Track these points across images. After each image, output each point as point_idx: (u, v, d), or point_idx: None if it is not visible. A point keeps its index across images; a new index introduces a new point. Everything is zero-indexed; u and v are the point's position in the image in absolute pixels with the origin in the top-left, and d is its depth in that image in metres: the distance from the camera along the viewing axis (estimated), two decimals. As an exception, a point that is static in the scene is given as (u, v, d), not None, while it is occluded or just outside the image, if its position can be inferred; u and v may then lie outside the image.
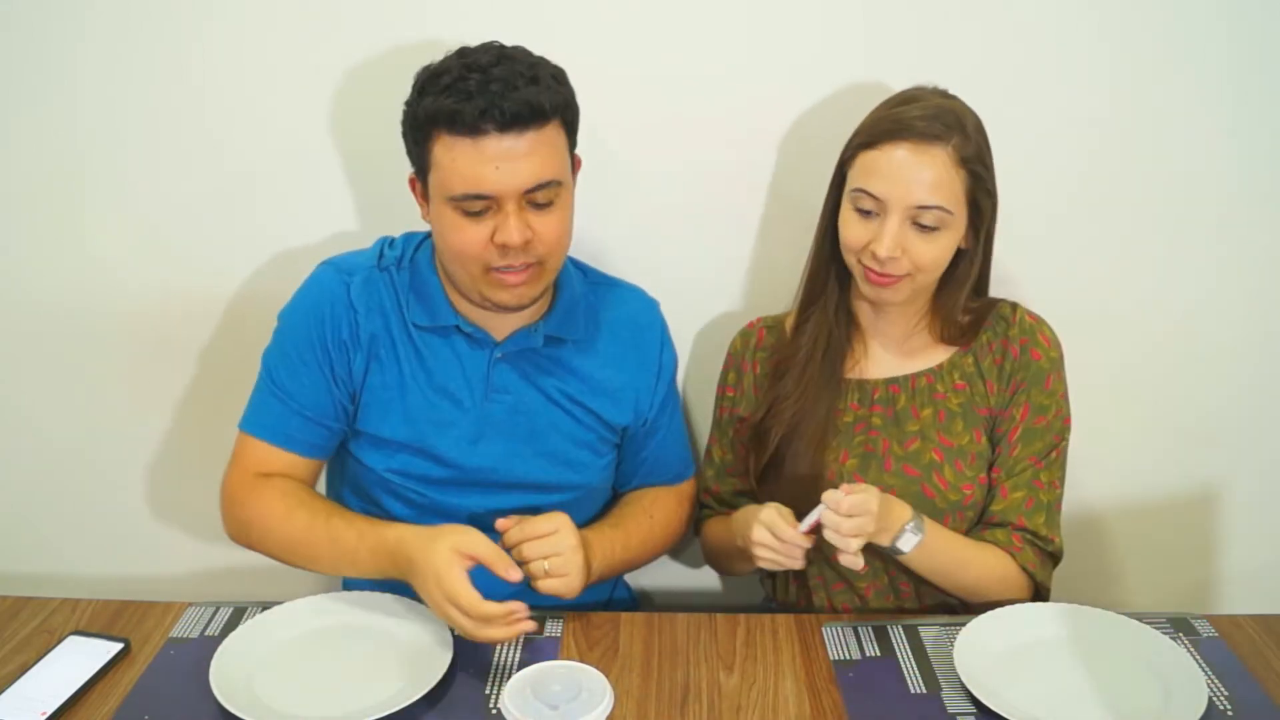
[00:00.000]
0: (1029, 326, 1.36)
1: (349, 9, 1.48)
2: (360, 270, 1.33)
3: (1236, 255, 1.58)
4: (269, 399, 1.32)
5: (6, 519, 1.76)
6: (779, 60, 1.49)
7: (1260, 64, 1.48)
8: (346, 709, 1.09)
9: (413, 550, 1.18)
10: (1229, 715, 1.11)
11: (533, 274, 1.25)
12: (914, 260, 1.26)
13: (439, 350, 1.33)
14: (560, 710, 0.99)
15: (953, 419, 1.35)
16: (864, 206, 1.27)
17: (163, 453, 1.72)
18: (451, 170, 1.19)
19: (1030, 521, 1.32)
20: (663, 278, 1.51)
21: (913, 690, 1.15)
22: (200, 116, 1.53)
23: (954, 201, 1.24)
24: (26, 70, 1.51)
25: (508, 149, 1.17)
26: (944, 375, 1.36)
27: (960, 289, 1.34)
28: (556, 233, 1.24)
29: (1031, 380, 1.34)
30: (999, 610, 1.25)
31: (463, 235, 1.22)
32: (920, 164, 1.23)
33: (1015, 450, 1.33)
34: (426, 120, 1.19)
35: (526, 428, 1.35)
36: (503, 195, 1.19)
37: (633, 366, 1.40)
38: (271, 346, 1.34)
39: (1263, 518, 1.72)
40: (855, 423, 1.37)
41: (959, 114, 1.25)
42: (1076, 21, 1.47)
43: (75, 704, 1.12)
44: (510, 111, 1.16)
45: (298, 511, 1.27)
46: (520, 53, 1.22)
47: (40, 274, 1.62)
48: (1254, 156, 1.53)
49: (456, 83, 1.17)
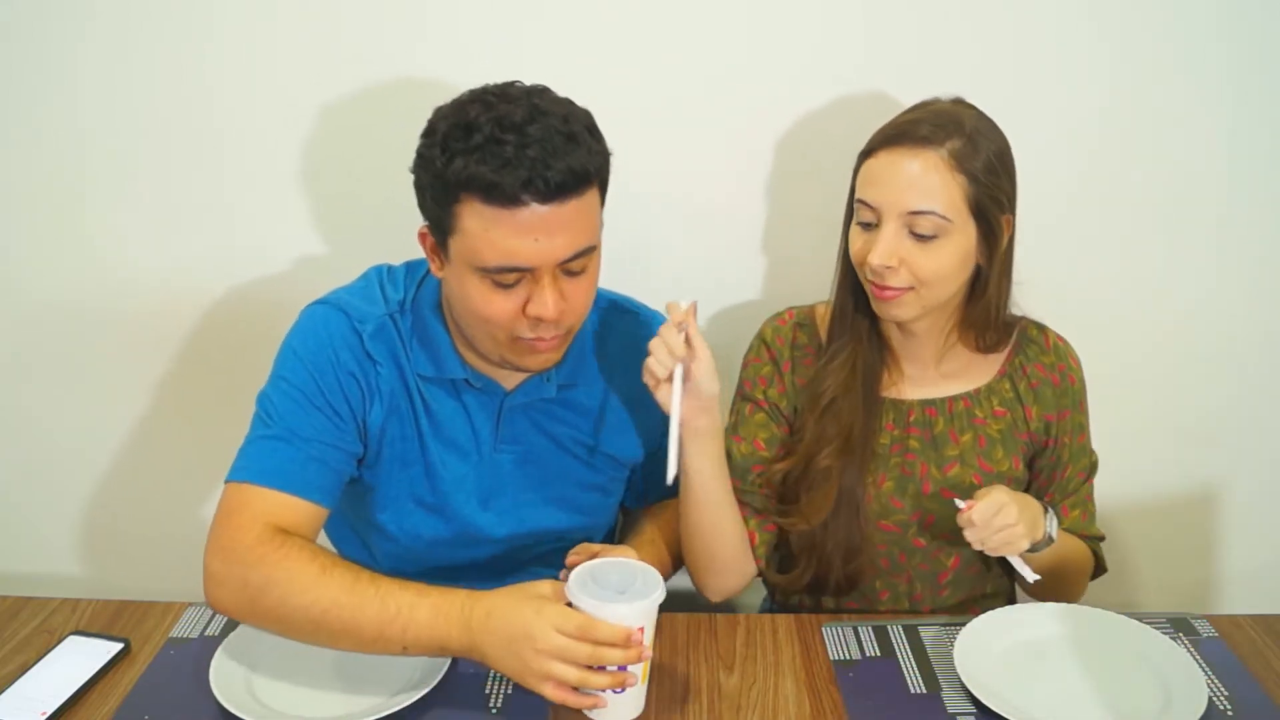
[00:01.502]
0: (1062, 351, 1.36)
1: (349, 10, 1.48)
2: (371, 319, 1.24)
3: (1236, 255, 1.58)
4: (272, 445, 1.19)
5: (6, 519, 1.76)
6: (779, 61, 1.49)
7: (1260, 64, 1.49)
8: (346, 709, 1.09)
9: (494, 600, 1.08)
10: (1229, 715, 1.11)
11: (561, 340, 1.20)
12: (914, 272, 1.21)
13: (444, 401, 1.27)
14: (627, 594, 1.06)
15: (993, 445, 1.33)
16: (864, 218, 1.24)
17: (163, 453, 1.72)
18: (483, 240, 1.10)
19: (1089, 531, 1.38)
20: (657, 277, 1.50)
21: (913, 690, 1.15)
22: (201, 117, 1.53)
23: (950, 208, 1.19)
24: (27, 71, 1.51)
25: (546, 220, 1.09)
26: (982, 400, 1.34)
27: (987, 308, 1.29)
28: (586, 298, 1.19)
29: (1073, 404, 1.35)
30: (999, 610, 1.25)
31: (491, 306, 1.14)
32: (912, 168, 1.19)
33: (1068, 470, 1.36)
34: (456, 185, 1.09)
35: (536, 476, 1.32)
36: (539, 267, 1.11)
37: (642, 397, 1.32)
38: (272, 392, 1.22)
39: (1263, 518, 1.72)
40: (891, 444, 1.34)
41: (961, 119, 1.21)
42: (1076, 22, 1.47)
43: (75, 704, 1.12)
44: (555, 183, 1.07)
45: (336, 569, 1.11)
46: (551, 103, 1.12)
47: (41, 274, 1.62)
48: (1253, 157, 1.53)
49: (490, 144, 1.07)
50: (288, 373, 1.22)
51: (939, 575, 1.37)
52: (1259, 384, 1.65)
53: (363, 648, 1.11)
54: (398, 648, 1.10)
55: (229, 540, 1.14)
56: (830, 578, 1.37)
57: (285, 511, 1.16)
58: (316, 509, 1.19)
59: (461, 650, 1.09)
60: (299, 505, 1.17)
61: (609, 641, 1.04)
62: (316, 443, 1.20)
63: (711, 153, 1.54)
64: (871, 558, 1.36)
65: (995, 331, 1.32)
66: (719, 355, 1.51)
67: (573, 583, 1.07)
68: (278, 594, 1.10)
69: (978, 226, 1.22)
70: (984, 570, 1.40)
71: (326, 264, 1.59)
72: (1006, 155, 1.24)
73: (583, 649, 1.03)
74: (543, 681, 1.05)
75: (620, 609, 1.04)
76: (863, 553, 1.35)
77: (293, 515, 1.17)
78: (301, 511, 1.17)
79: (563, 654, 1.03)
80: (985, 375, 1.35)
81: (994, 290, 1.28)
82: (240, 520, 1.14)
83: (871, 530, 1.34)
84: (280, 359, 1.24)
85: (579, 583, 1.07)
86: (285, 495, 1.17)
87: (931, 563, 1.36)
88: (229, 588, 1.13)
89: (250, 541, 1.12)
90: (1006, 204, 1.24)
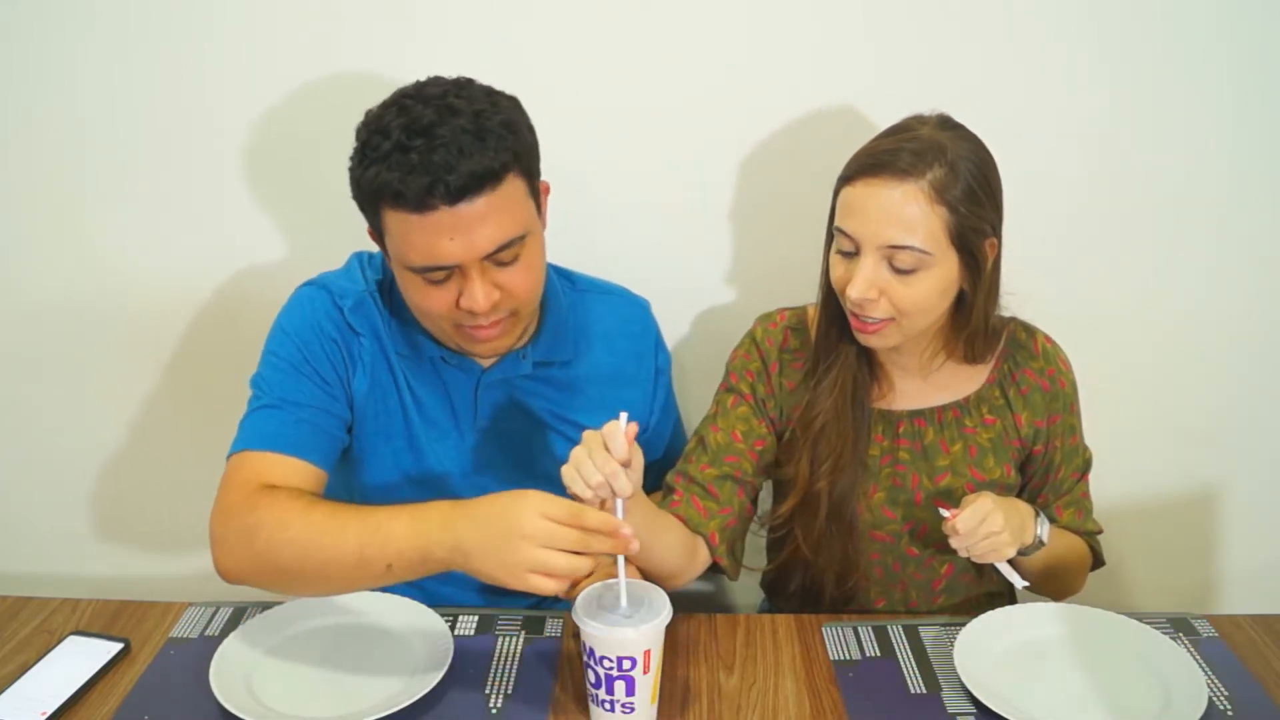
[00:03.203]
0: (1051, 354, 1.34)
1: (349, 11, 1.48)
2: (351, 294, 1.28)
3: (1236, 256, 1.58)
4: (266, 413, 1.22)
5: (6, 519, 1.76)
6: (778, 61, 1.49)
7: (1260, 64, 1.48)
8: (346, 709, 1.09)
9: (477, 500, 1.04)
10: (1229, 715, 1.11)
11: (506, 325, 1.21)
12: (894, 303, 1.19)
13: (424, 378, 1.30)
14: (633, 618, 1.05)
15: (984, 454, 1.33)
16: (843, 247, 1.22)
17: (163, 452, 1.72)
18: (405, 243, 1.13)
19: (1085, 527, 1.38)
20: (653, 275, 1.50)
21: (913, 690, 1.15)
22: (200, 117, 1.54)
23: (931, 242, 1.16)
24: (27, 71, 1.51)
25: (460, 218, 1.10)
26: (971, 409, 1.33)
27: (968, 328, 1.27)
28: (526, 283, 1.19)
29: (1063, 408, 1.34)
30: (999, 610, 1.25)
31: (427, 300, 1.18)
32: (891, 201, 1.15)
33: (1060, 472, 1.36)
34: (373, 192, 1.12)
35: (516, 453, 1.33)
36: (464, 263, 1.13)
37: (629, 375, 1.38)
38: (262, 368, 1.26)
39: (1263, 518, 1.72)
40: (881, 456, 1.34)
41: (942, 146, 1.16)
42: (1077, 25, 1.47)
43: (75, 704, 1.12)
44: (456, 186, 1.08)
45: (320, 504, 1.12)
46: (464, 98, 1.12)
47: (41, 274, 1.62)
48: (1253, 157, 1.53)
49: (396, 153, 1.09)
50: (276, 347, 1.26)
51: (933, 583, 1.38)
52: (1259, 384, 1.65)
53: (348, 577, 1.09)
54: (381, 566, 1.06)
55: (224, 503, 1.16)
56: (825, 594, 1.38)
57: (280, 471, 1.18)
58: (312, 469, 1.20)
59: (445, 555, 1.03)
60: (293, 464, 1.19)
61: (597, 528, 1.00)
62: (308, 407, 1.23)
63: (698, 153, 1.54)
64: (865, 570, 1.36)
65: (983, 344, 1.31)
66: (709, 355, 1.51)
67: (580, 607, 1.07)
68: (265, 534, 1.10)
69: (960, 257, 1.20)
70: (977, 576, 1.40)
71: (326, 263, 1.58)
72: (990, 176, 1.21)
73: (570, 534, 0.99)
74: (530, 573, 0.99)
75: (627, 632, 1.03)
76: (857, 569, 1.36)
77: (288, 473, 1.18)
78: (296, 471, 1.19)
79: (550, 539, 0.99)
80: (974, 383, 1.34)
81: (979, 312, 1.26)
82: (236, 482, 1.17)
83: (865, 542, 1.34)
84: (269, 338, 1.28)
85: (585, 604, 1.07)
86: (279, 456, 1.19)
87: (925, 571, 1.37)
88: (227, 546, 1.14)
89: (242, 498, 1.14)
90: (989, 230, 1.21)
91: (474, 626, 1.24)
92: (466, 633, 1.23)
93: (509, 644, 1.22)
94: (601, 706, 1.07)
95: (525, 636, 1.23)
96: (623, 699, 1.05)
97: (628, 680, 1.04)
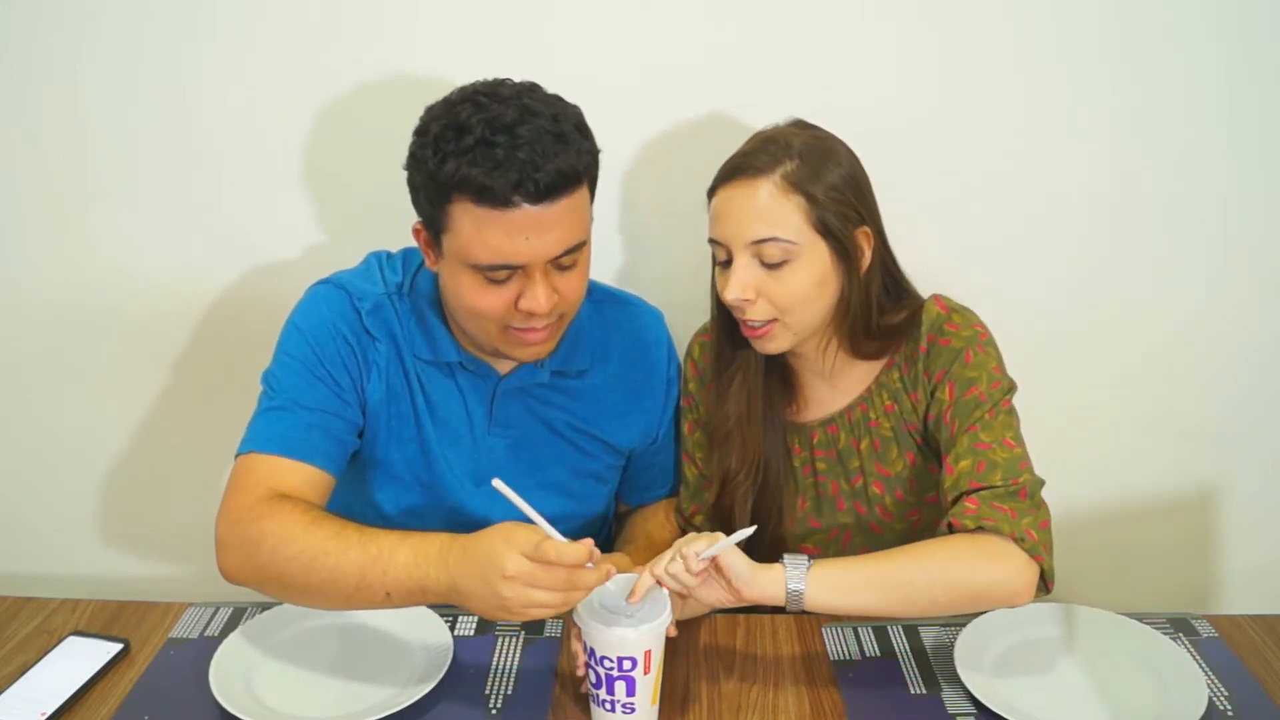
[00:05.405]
0: (935, 318, 1.25)
1: (348, 10, 1.48)
2: (369, 297, 1.27)
3: (1237, 258, 1.58)
4: (277, 415, 1.21)
5: (6, 519, 1.76)
6: (778, 62, 1.49)
7: (1260, 64, 1.48)
8: (346, 709, 1.09)
9: (470, 537, 1.04)
10: (1229, 715, 1.11)
11: (553, 329, 1.22)
12: (772, 301, 1.20)
13: (439, 383, 1.30)
14: (634, 618, 1.06)
15: (886, 446, 1.31)
16: (719, 257, 1.23)
17: (164, 452, 1.72)
18: (476, 240, 1.12)
19: (986, 480, 1.17)
20: (649, 275, 1.50)
21: (913, 690, 1.15)
22: (201, 117, 1.53)
23: (793, 231, 1.18)
24: (27, 71, 1.51)
25: (537, 219, 1.11)
26: (874, 400, 1.31)
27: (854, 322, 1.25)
28: (578, 290, 1.21)
29: (947, 364, 1.24)
30: (999, 610, 1.24)
31: (483, 300, 1.17)
32: (749, 199, 1.18)
33: (953, 428, 1.22)
34: (449, 186, 1.11)
35: (529, 461, 1.33)
36: (530, 264, 1.14)
37: (642, 387, 1.38)
38: (275, 367, 1.25)
39: (1263, 518, 1.72)
40: (802, 466, 1.35)
41: (790, 143, 1.19)
42: (1077, 26, 1.46)
43: (75, 704, 1.12)
44: (545, 184, 1.09)
45: (325, 520, 1.12)
46: (541, 102, 1.13)
47: (41, 274, 1.62)
48: (1253, 158, 1.53)
49: (481, 146, 1.09)
50: (290, 347, 1.25)
51: None
52: (1259, 385, 1.65)
53: (348, 598, 1.09)
54: (380, 593, 1.07)
55: (232, 506, 1.15)
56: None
57: (288, 476, 1.17)
58: (320, 474, 1.20)
59: (441, 591, 1.05)
60: (302, 470, 1.18)
61: (576, 563, 0.99)
62: (319, 411, 1.22)
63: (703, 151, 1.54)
64: None
65: (873, 341, 1.27)
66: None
67: (583, 608, 1.06)
68: (270, 546, 1.10)
69: (829, 245, 1.20)
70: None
71: (327, 263, 1.57)
72: (851, 168, 1.22)
73: (554, 573, 0.99)
74: (522, 609, 1.00)
75: (627, 632, 1.03)
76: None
77: (296, 480, 1.18)
78: (305, 476, 1.18)
79: (532, 579, 0.99)
80: (875, 371, 1.31)
81: (858, 305, 1.24)
82: (244, 486, 1.16)
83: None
84: (283, 336, 1.27)
85: (587, 606, 1.07)
86: (288, 460, 1.18)
87: None
88: (231, 550, 1.13)
89: (250, 503, 1.14)
90: (856, 218, 1.21)
91: (474, 627, 1.24)
92: (466, 633, 1.23)
93: (509, 644, 1.22)
94: (602, 707, 1.07)
95: (525, 637, 1.23)
96: (623, 699, 1.06)
97: (628, 680, 1.05)
